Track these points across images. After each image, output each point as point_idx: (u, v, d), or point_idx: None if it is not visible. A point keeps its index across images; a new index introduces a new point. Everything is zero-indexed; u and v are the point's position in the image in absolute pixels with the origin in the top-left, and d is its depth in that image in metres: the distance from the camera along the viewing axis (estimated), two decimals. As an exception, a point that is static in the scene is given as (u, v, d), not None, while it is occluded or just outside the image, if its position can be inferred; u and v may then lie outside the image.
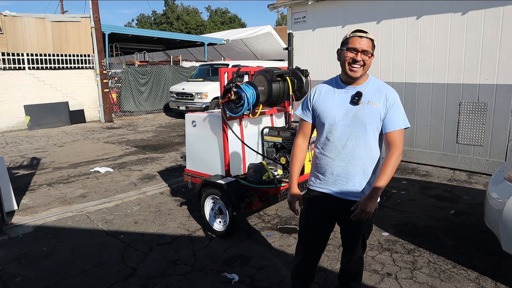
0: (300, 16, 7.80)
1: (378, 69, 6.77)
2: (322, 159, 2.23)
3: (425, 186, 5.39)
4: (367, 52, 2.05)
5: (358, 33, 2.06)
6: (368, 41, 2.05)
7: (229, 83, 3.87)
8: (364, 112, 2.10)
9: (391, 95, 2.12)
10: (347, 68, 2.09)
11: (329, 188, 2.22)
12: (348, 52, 2.07)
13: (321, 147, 2.24)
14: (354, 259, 2.34)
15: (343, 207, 2.20)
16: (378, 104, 2.10)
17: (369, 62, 2.08)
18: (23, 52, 11.66)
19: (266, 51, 22.36)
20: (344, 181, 2.17)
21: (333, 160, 2.18)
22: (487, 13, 5.51)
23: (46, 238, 4.02)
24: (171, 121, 13.20)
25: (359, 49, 2.04)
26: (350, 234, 2.31)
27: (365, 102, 2.11)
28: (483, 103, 5.74)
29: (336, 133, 2.15)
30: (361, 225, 2.24)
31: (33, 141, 9.84)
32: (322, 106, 2.20)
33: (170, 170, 6.60)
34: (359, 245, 2.31)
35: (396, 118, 2.10)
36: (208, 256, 3.54)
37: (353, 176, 2.16)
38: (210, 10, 50.76)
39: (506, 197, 2.79)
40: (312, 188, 2.31)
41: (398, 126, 2.10)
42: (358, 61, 2.05)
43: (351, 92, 2.14)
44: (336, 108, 2.15)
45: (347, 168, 2.15)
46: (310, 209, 2.31)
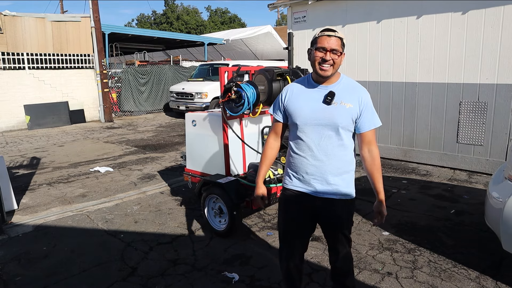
0: (300, 16, 7.80)
1: (378, 69, 6.77)
2: (296, 159, 2.24)
3: (425, 186, 5.39)
4: (336, 51, 2.06)
5: (327, 32, 2.07)
6: (337, 40, 2.06)
7: (229, 83, 3.87)
8: (336, 112, 2.11)
9: (363, 96, 2.16)
10: (317, 68, 2.11)
11: (303, 187, 2.23)
12: (317, 52, 2.08)
13: (294, 146, 2.25)
14: (342, 256, 2.32)
15: (319, 205, 2.22)
16: (351, 104, 2.12)
17: (339, 60, 2.09)
18: (23, 52, 11.65)
19: (266, 51, 22.37)
20: (319, 180, 2.18)
21: (306, 159, 2.19)
22: (487, 12, 5.51)
23: (46, 238, 4.02)
24: (171, 121, 13.20)
25: (328, 48, 2.05)
26: (331, 231, 2.30)
27: (338, 102, 2.12)
28: (484, 102, 5.74)
29: (309, 133, 2.16)
30: (342, 222, 2.24)
31: (33, 140, 9.83)
32: (294, 106, 2.20)
33: (170, 170, 6.60)
34: (343, 241, 2.29)
35: (371, 118, 2.15)
36: (208, 256, 3.54)
37: (327, 174, 2.17)
38: (210, 10, 50.82)
39: (507, 197, 2.79)
40: (287, 187, 2.31)
41: (373, 125, 2.17)
42: (327, 60, 2.06)
43: (324, 91, 2.15)
44: (308, 108, 2.16)
45: (321, 167, 2.17)
46: (287, 209, 2.32)
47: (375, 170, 2.18)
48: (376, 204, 2.24)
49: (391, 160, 6.84)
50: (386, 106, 6.78)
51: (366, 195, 4.97)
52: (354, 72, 7.07)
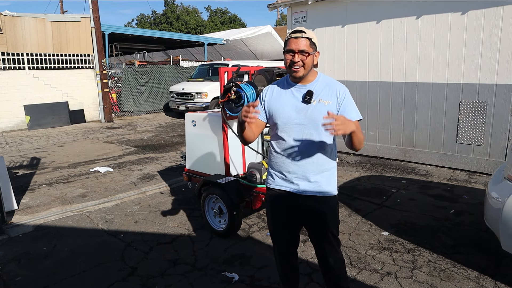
0: (300, 16, 7.80)
1: (378, 69, 6.77)
2: (278, 158, 2.26)
3: (425, 186, 5.40)
4: (304, 52, 2.08)
5: (294, 34, 2.10)
6: (305, 41, 2.08)
7: (229, 83, 3.88)
8: (316, 110, 2.13)
9: (341, 91, 2.17)
10: (289, 70, 2.14)
11: (287, 186, 2.25)
12: (286, 54, 2.12)
13: (276, 145, 2.26)
14: (333, 258, 2.29)
15: (302, 203, 2.23)
16: (329, 101, 2.14)
17: (309, 60, 2.10)
18: (23, 52, 11.66)
19: (266, 51, 22.37)
20: (301, 178, 2.20)
21: (288, 158, 2.21)
22: (487, 12, 5.51)
23: (46, 238, 4.02)
24: (171, 121, 13.21)
25: (296, 50, 2.07)
26: (317, 231, 2.28)
27: (316, 101, 2.14)
28: (483, 102, 5.74)
29: (290, 132, 2.18)
30: (326, 219, 2.22)
31: (33, 141, 9.84)
32: (275, 106, 2.22)
33: (170, 170, 6.60)
34: (332, 241, 2.27)
35: (349, 112, 2.14)
36: (208, 256, 3.54)
37: (309, 173, 2.19)
38: (210, 10, 50.82)
39: (506, 197, 2.80)
40: (270, 187, 2.33)
41: (352, 118, 2.12)
42: (296, 62, 2.08)
43: (302, 90, 2.18)
44: (288, 107, 2.18)
45: (303, 166, 2.18)
46: (273, 209, 2.35)
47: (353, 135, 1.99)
48: None
49: (391, 160, 6.84)
50: (385, 106, 6.79)
51: (366, 195, 4.98)
52: (354, 72, 7.08)
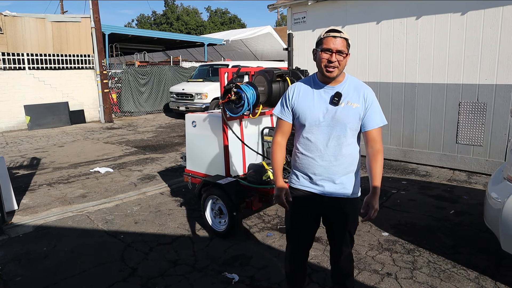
0: (300, 17, 7.81)
1: (378, 69, 6.78)
2: (303, 159, 2.24)
3: (425, 186, 5.40)
4: (341, 52, 2.04)
5: (332, 33, 2.05)
6: (342, 41, 2.05)
7: (229, 84, 3.88)
8: (344, 112, 2.12)
9: (368, 95, 2.16)
10: (323, 69, 2.10)
11: (311, 187, 2.24)
12: (323, 53, 2.07)
13: (301, 147, 2.24)
14: (345, 256, 2.35)
15: (327, 204, 2.23)
16: (357, 104, 2.13)
17: (344, 61, 2.08)
18: (23, 52, 11.66)
19: (266, 52, 22.38)
20: (327, 180, 2.20)
21: (314, 160, 2.19)
22: (487, 13, 5.52)
23: (46, 238, 4.03)
24: (171, 121, 13.21)
25: (334, 49, 2.04)
26: (337, 230, 2.32)
27: (345, 103, 2.12)
28: (483, 103, 5.75)
29: (317, 134, 2.16)
30: (348, 220, 2.26)
31: (33, 141, 9.84)
32: (302, 107, 2.19)
33: (170, 171, 6.60)
34: (347, 241, 2.32)
35: (375, 117, 2.15)
36: (208, 256, 3.54)
37: (335, 175, 2.18)
38: (210, 10, 50.92)
39: (506, 197, 2.80)
40: (294, 187, 2.31)
41: (377, 124, 2.15)
42: (333, 62, 2.05)
43: (330, 92, 2.15)
44: (316, 109, 2.16)
45: (329, 168, 2.18)
46: (294, 208, 2.33)
47: (375, 162, 2.13)
48: (368, 196, 2.12)
49: (391, 160, 6.85)
50: (385, 107, 6.79)
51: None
52: (354, 72, 7.08)
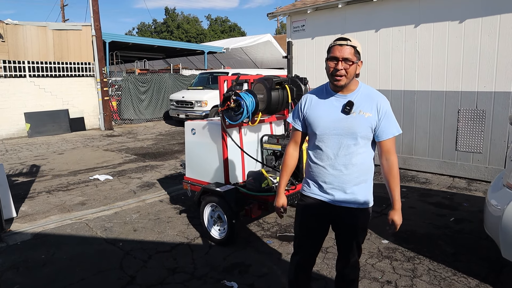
0: (299, 25, 7.86)
1: (377, 77, 6.80)
2: (314, 168, 2.24)
3: (424, 194, 5.39)
4: (348, 60, 2.04)
5: (339, 42, 2.06)
6: (350, 49, 2.04)
7: (228, 91, 3.89)
8: (355, 122, 2.10)
9: (382, 104, 2.13)
10: (331, 78, 2.11)
11: (322, 196, 2.23)
12: (330, 62, 2.07)
13: (313, 155, 2.25)
14: (351, 264, 2.35)
15: (337, 214, 2.23)
16: (370, 114, 2.10)
17: (352, 70, 2.06)
18: (24, 60, 11.72)
19: (265, 60, 22.48)
20: (337, 189, 2.18)
21: (325, 169, 2.19)
22: (484, 21, 5.56)
23: (45, 246, 4.01)
24: (171, 129, 13.23)
25: (340, 57, 2.03)
26: (345, 239, 2.31)
27: (357, 112, 2.10)
28: (482, 110, 5.76)
29: (328, 142, 2.16)
30: (357, 230, 2.26)
31: (33, 148, 9.84)
32: (313, 115, 2.20)
33: (169, 178, 6.60)
34: (355, 250, 2.31)
35: (389, 127, 2.13)
36: (207, 264, 3.53)
37: (346, 184, 2.17)
38: (210, 19, 51.19)
39: (506, 204, 2.80)
40: (305, 194, 2.32)
41: (391, 134, 2.13)
42: (339, 70, 2.04)
43: (342, 100, 2.14)
44: (327, 117, 2.15)
45: (340, 177, 2.17)
46: (304, 216, 2.33)
47: (391, 178, 2.16)
48: (391, 212, 2.22)
49: (391, 168, 6.83)
50: (385, 114, 6.79)
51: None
52: (353, 80, 7.10)
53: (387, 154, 2.14)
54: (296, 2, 8.65)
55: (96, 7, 12.56)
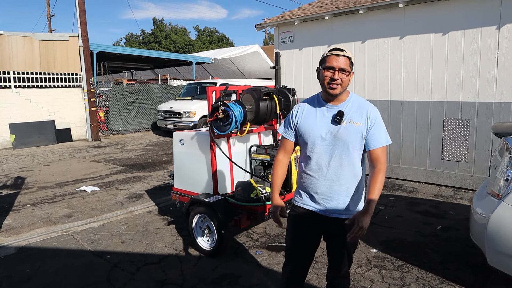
0: (287, 36, 7.96)
1: (364, 87, 6.90)
2: (306, 178, 2.25)
3: (412, 202, 5.45)
4: (344, 71, 2.07)
5: (335, 52, 2.08)
6: (345, 59, 2.07)
7: (217, 102, 3.91)
8: (346, 132, 2.11)
9: (372, 113, 2.15)
10: (326, 87, 2.11)
11: (313, 206, 2.24)
12: (326, 71, 2.09)
13: (304, 166, 2.25)
14: (342, 274, 2.35)
15: (328, 224, 2.23)
16: (360, 123, 2.12)
17: (347, 80, 2.10)
18: (10, 71, 11.57)
19: (253, 70, 22.60)
20: (329, 199, 2.18)
21: (317, 179, 2.19)
22: (466, 34, 5.71)
23: (30, 260, 3.92)
24: (159, 139, 13.15)
25: (336, 67, 2.05)
26: (336, 249, 2.31)
27: (347, 122, 2.12)
28: (466, 120, 5.88)
29: (318, 153, 2.17)
30: (349, 242, 2.23)
31: (17, 160, 9.67)
32: (305, 126, 2.21)
33: (157, 189, 6.54)
34: (345, 260, 2.31)
35: (379, 136, 2.13)
36: (196, 276, 3.49)
37: (337, 194, 2.17)
38: (198, 29, 51.32)
39: (490, 212, 2.84)
40: (297, 205, 2.32)
41: (380, 143, 2.13)
42: (335, 80, 2.06)
43: (333, 110, 2.16)
44: (318, 128, 2.16)
45: (331, 188, 2.17)
46: (295, 226, 2.32)
47: (373, 180, 2.06)
48: (359, 211, 2.03)
49: (378, 177, 6.90)
50: (372, 124, 6.88)
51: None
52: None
53: (375, 162, 2.12)
54: (283, 13, 8.77)
55: (83, 18, 12.52)
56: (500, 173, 2.96)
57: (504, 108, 5.52)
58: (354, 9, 6.69)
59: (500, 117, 5.56)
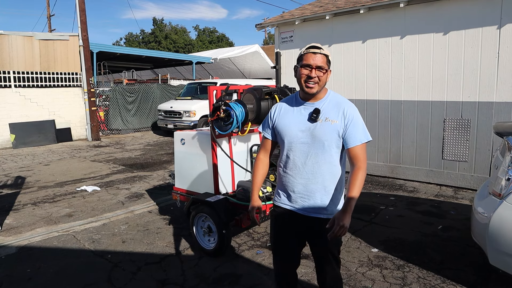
0: (287, 36, 7.95)
1: (364, 87, 6.90)
2: (284, 177, 2.24)
3: (412, 202, 5.45)
4: (321, 68, 2.06)
5: (312, 49, 2.07)
6: (322, 57, 2.07)
7: (218, 101, 3.91)
8: (321, 129, 2.10)
9: (349, 111, 2.12)
10: (303, 85, 2.11)
11: (291, 205, 2.23)
12: (303, 69, 2.09)
13: (283, 165, 2.25)
14: (330, 277, 2.27)
15: (308, 225, 2.21)
16: (336, 121, 2.10)
17: (324, 78, 2.09)
18: (10, 70, 11.56)
19: (253, 70, 22.60)
20: (306, 198, 2.17)
21: (294, 178, 2.18)
22: (467, 33, 5.71)
23: (30, 259, 3.92)
24: (159, 139, 13.15)
25: (313, 65, 2.05)
26: (318, 251, 2.27)
27: (323, 119, 2.11)
28: (467, 119, 5.88)
29: (295, 151, 2.16)
30: (328, 241, 2.16)
31: (18, 159, 9.67)
32: (282, 124, 2.21)
33: (158, 189, 6.54)
34: (331, 261, 2.25)
35: (356, 134, 2.09)
36: (197, 275, 3.49)
37: (314, 193, 2.15)
38: (198, 29, 51.30)
39: (492, 211, 2.84)
40: (276, 204, 2.32)
41: (359, 141, 2.09)
42: (313, 78, 2.06)
43: (310, 108, 2.15)
44: (294, 126, 2.16)
45: (308, 186, 2.15)
46: (277, 226, 2.33)
47: (352, 179, 2.03)
48: (338, 212, 2.00)
49: (379, 177, 6.91)
50: (372, 124, 6.89)
51: (355, 212, 4.97)
52: (341, 90, 7.19)
53: (355, 160, 2.08)
54: (284, 13, 8.76)
55: (83, 17, 12.51)
56: (501, 172, 2.95)
57: (504, 108, 5.52)
58: (354, 9, 6.69)
59: (500, 117, 5.56)
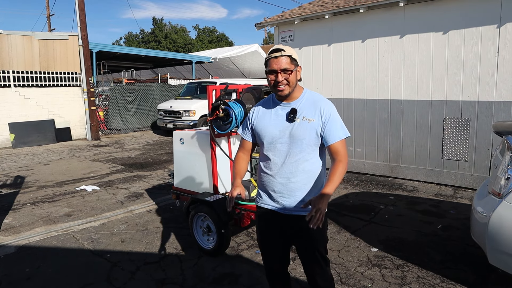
0: (287, 35, 7.94)
1: (364, 86, 6.90)
2: (264, 177, 2.26)
3: (412, 202, 5.45)
4: (287, 70, 2.08)
5: (274, 54, 2.09)
6: (285, 59, 2.08)
7: (217, 101, 3.90)
8: (300, 129, 2.12)
9: (325, 109, 2.14)
10: (274, 90, 2.15)
11: (272, 205, 2.24)
12: (270, 75, 2.11)
13: (263, 165, 2.27)
14: (320, 277, 2.25)
15: (289, 223, 2.21)
16: (313, 119, 2.12)
17: (293, 77, 2.10)
18: (9, 70, 11.56)
19: (253, 69, 22.60)
20: (286, 197, 2.18)
21: (273, 177, 2.20)
22: (467, 32, 5.70)
23: (30, 259, 3.92)
24: (159, 139, 13.14)
25: (278, 69, 2.07)
26: (304, 250, 2.25)
27: (300, 119, 2.13)
28: (466, 119, 5.88)
29: (275, 151, 2.18)
30: (312, 240, 2.19)
31: (17, 159, 9.66)
32: (260, 125, 2.24)
33: (157, 188, 6.54)
34: (319, 261, 2.22)
35: (335, 131, 2.11)
36: (196, 275, 3.49)
37: (295, 191, 2.16)
38: (198, 29, 51.28)
39: (491, 211, 2.84)
40: (258, 205, 2.33)
41: (338, 137, 2.11)
42: (280, 81, 2.08)
43: (286, 108, 2.17)
44: (272, 126, 2.18)
45: (288, 185, 2.17)
46: (261, 226, 2.34)
47: (332, 170, 2.04)
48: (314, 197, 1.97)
49: (378, 176, 6.90)
50: (372, 123, 6.89)
51: (354, 212, 4.99)
52: (341, 90, 7.19)
53: (335, 155, 2.10)
54: (283, 12, 8.76)
55: (83, 17, 12.50)
56: (501, 172, 2.95)
57: (504, 107, 5.52)
58: (354, 8, 6.68)
59: (500, 116, 5.55)
